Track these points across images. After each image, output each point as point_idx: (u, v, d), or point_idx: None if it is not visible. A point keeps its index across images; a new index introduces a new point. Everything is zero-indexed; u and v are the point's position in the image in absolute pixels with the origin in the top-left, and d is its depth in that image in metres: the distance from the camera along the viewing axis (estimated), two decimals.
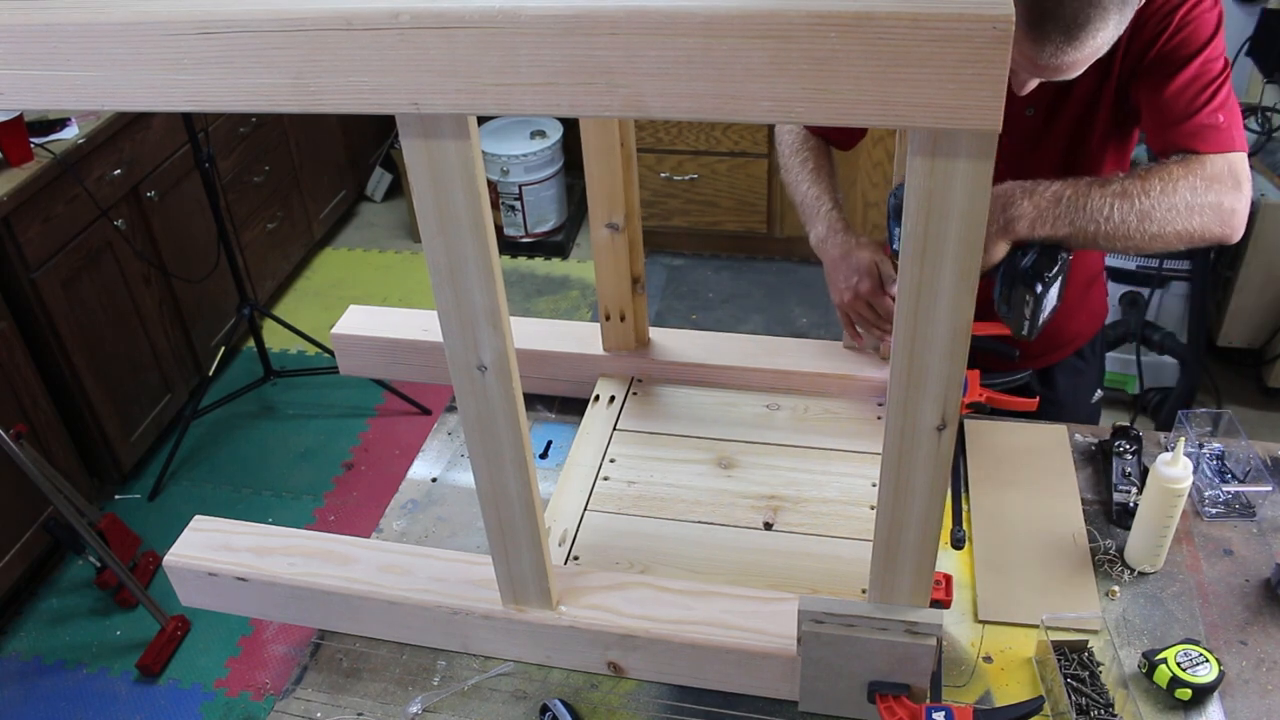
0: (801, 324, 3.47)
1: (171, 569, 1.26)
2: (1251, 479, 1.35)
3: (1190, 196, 1.21)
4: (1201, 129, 1.23)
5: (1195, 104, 1.23)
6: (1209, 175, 1.22)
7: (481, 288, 0.92)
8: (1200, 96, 1.23)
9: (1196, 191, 1.21)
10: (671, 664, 1.16)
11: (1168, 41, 1.24)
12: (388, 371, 1.63)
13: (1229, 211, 1.23)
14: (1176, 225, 1.21)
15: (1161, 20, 1.23)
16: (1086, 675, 1.12)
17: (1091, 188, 1.22)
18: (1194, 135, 1.24)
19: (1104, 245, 1.23)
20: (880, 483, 0.94)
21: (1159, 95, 1.25)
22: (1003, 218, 1.21)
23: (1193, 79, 1.23)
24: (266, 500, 2.89)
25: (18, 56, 0.82)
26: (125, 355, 2.83)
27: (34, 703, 2.36)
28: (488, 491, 1.08)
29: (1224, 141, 1.23)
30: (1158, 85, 1.25)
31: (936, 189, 0.75)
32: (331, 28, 0.76)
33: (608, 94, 0.75)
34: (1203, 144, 1.23)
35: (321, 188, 3.87)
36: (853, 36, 0.68)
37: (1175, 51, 1.24)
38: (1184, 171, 1.22)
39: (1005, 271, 1.25)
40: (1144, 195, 1.20)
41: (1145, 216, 1.20)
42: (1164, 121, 1.26)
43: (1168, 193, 1.21)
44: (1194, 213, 1.21)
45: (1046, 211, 1.21)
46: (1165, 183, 1.21)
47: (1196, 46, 1.23)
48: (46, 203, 2.47)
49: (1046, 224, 1.22)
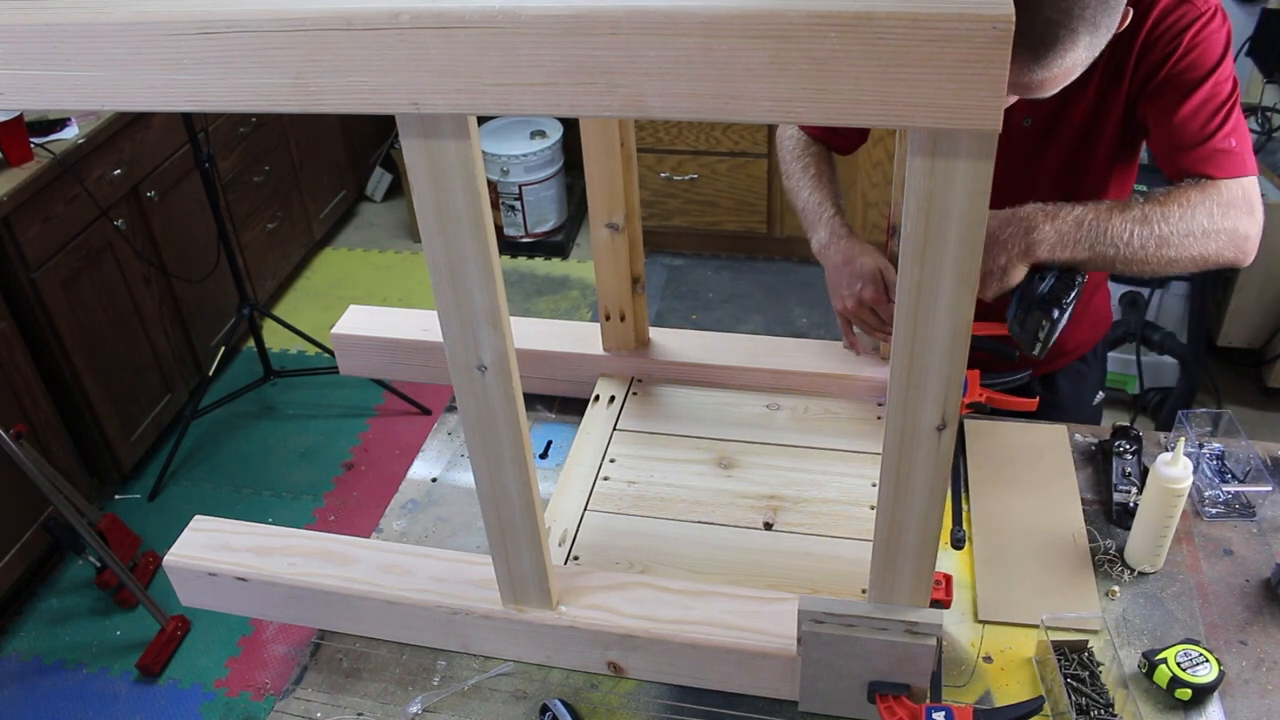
0: (801, 324, 3.47)
1: (171, 569, 1.26)
2: (1251, 479, 1.35)
3: (1207, 222, 1.21)
4: (1215, 154, 1.24)
5: (1208, 129, 1.23)
6: (1225, 201, 1.22)
7: (481, 288, 0.92)
8: (1213, 121, 1.23)
9: (1213, 217, 1.21)
10: (671, 664, 1.16)
11: (1178, 63, 1.23)
12: (388, 371, 1.63)
13: (1243, 237, 1.24)
14: (1192, 251, 1.22)
15: (1171, 40, 1.23)
16: (1086, 675, 1.12)
17: (1112, 212, 1.22)
18: (1207, 160, 1.24)
19: (1120, 269, 1.24)
20: (880, 483, 0.94)
21: (1170, 119, 1.25)
22: (1025, 241, 1.21)
23: (1204, 102, 1.23)
24: (266, 500, 2.89)
25: (18, 56, 0.82)
26: (125, 355, 2.83)
27: (34, 703, 2.36)
28: (488, 491, 1.08)
29: (1237, 166, 1.24)
30: (1169, 108, 1.25)
31: (936, 189, 0.75)
32: (331, 28, 0.76)
33: (608, 94, 0.75)
34: (1217, 169, 1.24)
35: (321, 188, 3.87)
36: (852, 36, 0.68)
37: (1186, 73, 1.23)
38: (1201, 197, 1.22)
39: (1022, 295, 1.25)
40: (1163, 221, 1.21)
41: (1164, 242, 1.21)
42: (1176, 145, 1.26)
43: (1185, 219, 1.21)
44: (1209, 239, 1.22)
45: (1068, 235, 1.21)
46: (1184, 209, 1.21)
47: (1207, 69, 1.23)
48: (46, 203, 2.47)
49: (1067, 248, 1.22)
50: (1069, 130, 1.35)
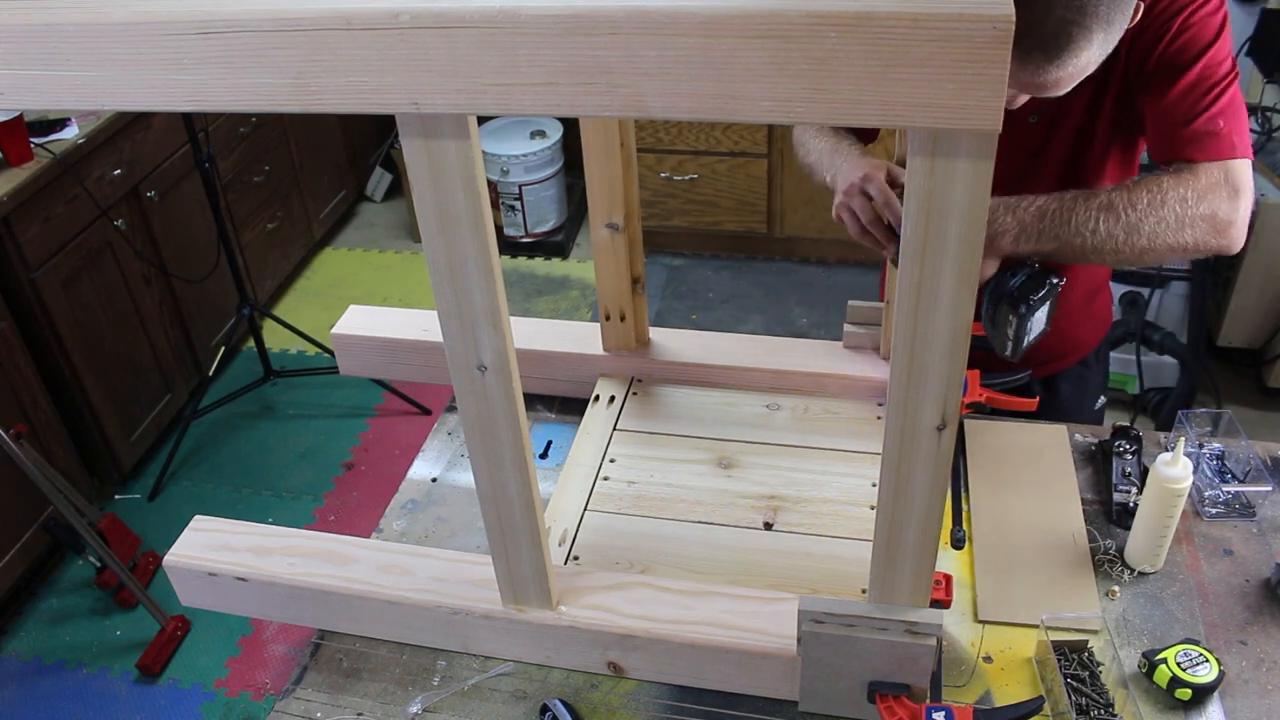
0: (801, 324, 3.47)
1: (171, 569, 1.26)
2: (1251, 479, 1.35)
3: (1180, 209, 1.19)
4: (1199, 136, 1.21)
5: (1194, 110, 1.21)
6: (1202, 187, 1.19)
7: (482, 287, 0.92)
8: (1200, 103, 1.21)
9: (1187, 204, 1.19)
10: (671, 664, 1.16)
11: (1168, 46, 1.22)
12: (388, 371, 1.63)
13: (1224, 223, 1.20)
14: (1167, 239, 1.20)
15: (1163, 25, 1.21)
16: (1086, 675, 1.12)
17: (1076, 201, 1.20)
18: (1191, 143, 1.22)
19: (1094, 259, 1.22)
20: (880, 483, 0.94)
21: (1160, 103, 1.24)
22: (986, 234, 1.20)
23: (1193, 85, 1.21)
24: (266, 500, 2.89)
25: (18, 56, 0.82)
26: (125, 355, 2.83)
27: (34, 703, 2.36)
28: (488, 491, 1.08)
29: (1222, 149, 1.21)
30: (1160, 93, 1.24)
31: (937, 189, 0.75)
32: (331, 28, 0.76)
33: (608, 94, 0.75)
34: (1199, 152, 1.21)
35: (321, 188, 3.87)
36: (852, 36, 0.68)
37: (1176, 57, 1.22)
38: (1174, 184, 1.20)
39: (993, 290, 1.24)
40: (1130, 209, 1.19)
41: (1133, 230, 1.19)
42: (1164, 129, 1.24)
43: (1155, 206, 1.19)
44: (1185, 226, 1.19)
45: (1030, 226, 1.20)
46: (1153, 195, 1.19)
47: (1197, 50, 1.21)
48: (46, 203, 2.47)
49: (1031, 238, 1.21)
50: (1071, 124, 1.34)
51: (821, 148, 1.45)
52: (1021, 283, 1.22)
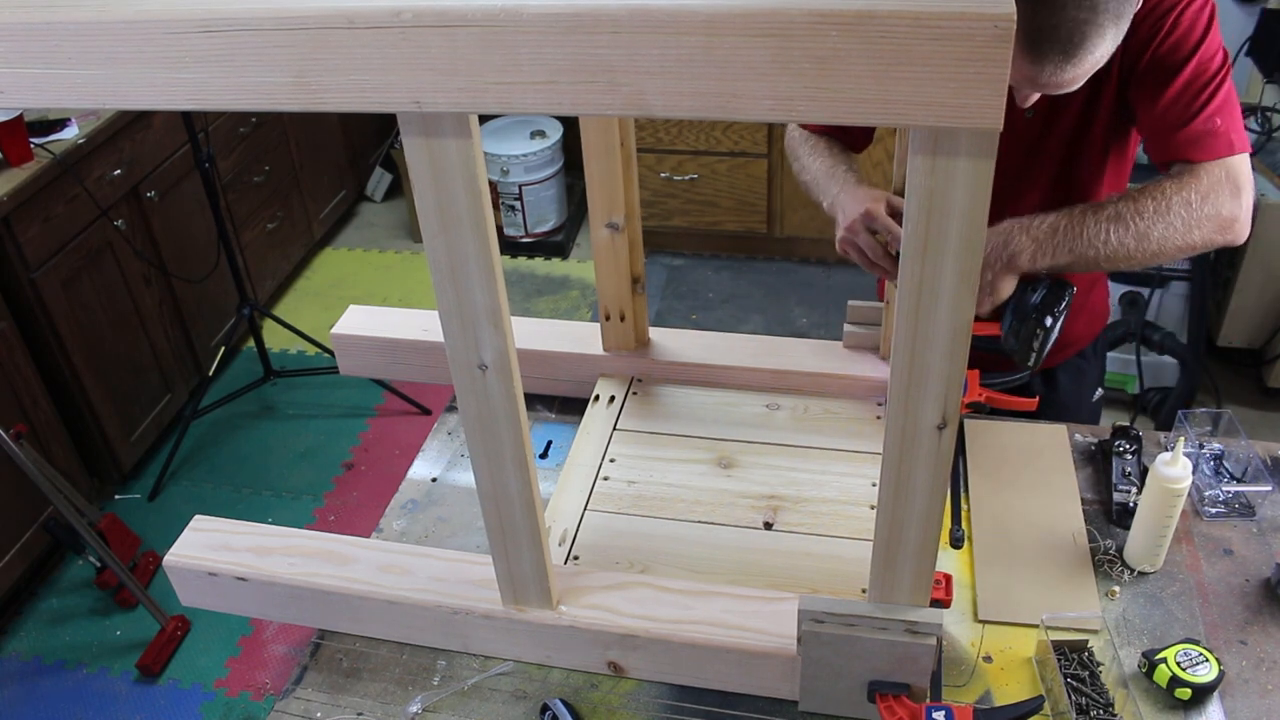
0: (801, 324, 3.47)
1: (171, 569, 1.26)
2: (1251, 479, 1.35)
3: (1186, 212, 1.21)
4: (1198, 136, 1.23)
5: (1190, 110, 1.23)
6: (1204, 187, 1.22)
7: (483, 287, 0.92)
8: (1196, 101, 1.23)
9: (1192, 206, 1.21)
10: (671, 664, 1.16)
11: (1161, 44, 1.23)
12: (388, 371, 1.63)
13: (1229, 220, 1.23)
14: (1176, 241, 1.22)
15: (1155, 22, 1.23)
16: (1086, 675, 1.12)
17: (1085, 215, 1.23)
18: (1190, 144, 1.24)
19: (1108, 267, 1.25)
20: (880, 482, 0.95)
21: (1156, 103, 1.25)
22: (1005, 254, 1.23)
23: (1188, 83, 1.23)
24: (266, 500, 2.89)
25: (18, 55, 0.82)
26: (125, 355, 2.83)
27: (34, 703, 2.36)
28: (488, 491, 1.08)
29: (1221, 147, 1.23)
30: (1155, 92, 1.25)
31: (937, 188, 0.75)
32: (333, 26, 0.76)
33: (609, 92, 0.75)
34: (1198, 153, 1.23)
35: (321, 188, 3.87)
36: (854, 35, 0.68)
37: (1170, 55, 1.23)
38: (1177, 187, 1.22)
39: (1015, 307, 1.28)
40: (1138, 217, 1.21)
41: (1143, 237, 1.21)
42: (1161, 130, 1.26)
43: (1161, 211, 1.21)
44: (1192, 227, 1.22)
45: (1045, 243, 1.23)
46: (1159, 201, 1.21)
47: (1190, 47, 1.22)
48: (46, 203, 2.47)
49: (1047, 255, 1.23)
50: (1067, 119, 1.35)
51: (816, 169, 1.47)
52: (1043, 297, 1.27)
